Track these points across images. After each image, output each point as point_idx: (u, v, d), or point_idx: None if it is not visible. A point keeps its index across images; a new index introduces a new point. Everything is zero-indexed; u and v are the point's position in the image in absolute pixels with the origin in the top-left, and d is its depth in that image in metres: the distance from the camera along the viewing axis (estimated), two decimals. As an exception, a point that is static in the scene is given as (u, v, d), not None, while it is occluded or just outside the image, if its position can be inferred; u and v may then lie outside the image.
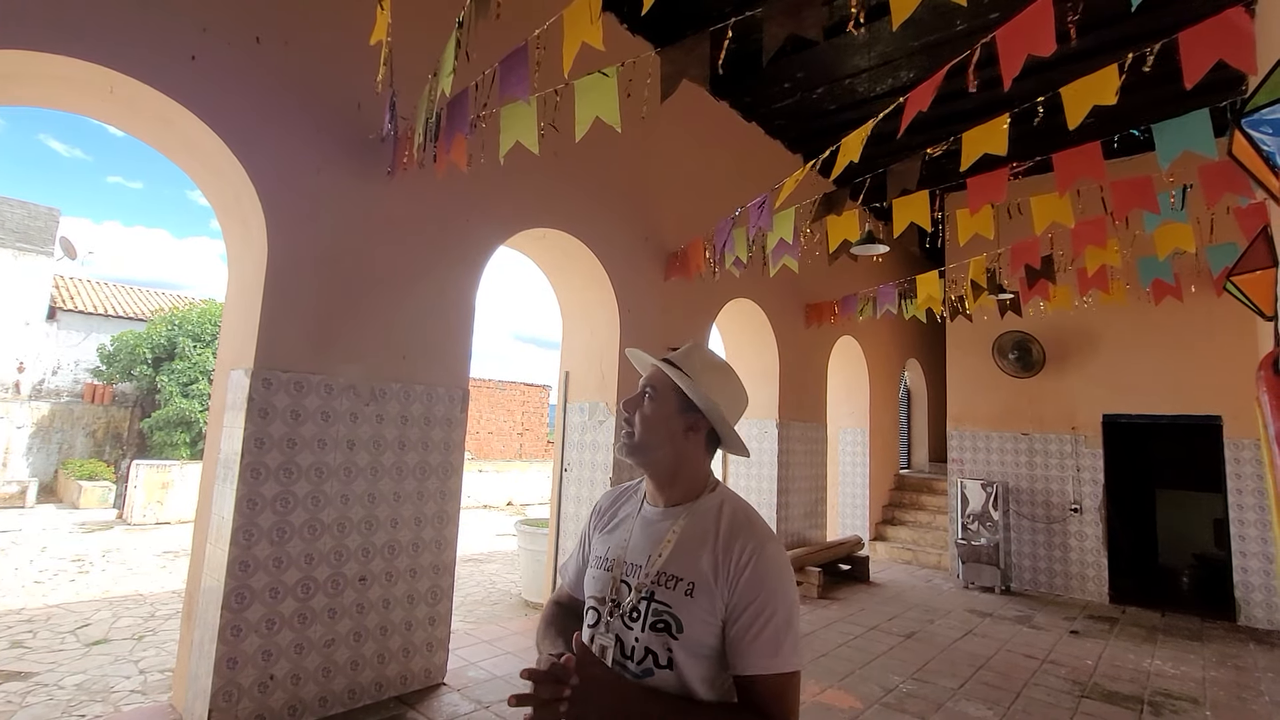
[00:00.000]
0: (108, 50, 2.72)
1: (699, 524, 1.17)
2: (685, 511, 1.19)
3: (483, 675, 3.87)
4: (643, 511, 1.25)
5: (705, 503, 1.20)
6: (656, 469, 1.21)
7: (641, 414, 1.21)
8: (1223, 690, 4.28)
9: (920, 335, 10.47)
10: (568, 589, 1.38)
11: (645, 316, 5.21)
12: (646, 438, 1.20)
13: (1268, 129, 1.82)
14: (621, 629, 1.14)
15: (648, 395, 1.22)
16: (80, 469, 12.19)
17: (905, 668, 4.38)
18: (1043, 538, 7.08)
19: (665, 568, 1.13)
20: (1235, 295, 2.78)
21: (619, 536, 1.24)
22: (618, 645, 1.13)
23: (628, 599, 1.15)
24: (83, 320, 14.39)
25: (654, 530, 1.20)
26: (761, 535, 1.13)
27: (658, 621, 1.10)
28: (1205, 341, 6.35)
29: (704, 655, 1.08)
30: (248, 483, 3.03)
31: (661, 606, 1.10)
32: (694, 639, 1.08)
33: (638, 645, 1.11)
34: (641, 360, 1.31)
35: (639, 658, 1.10)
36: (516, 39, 2.70)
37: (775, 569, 1.10)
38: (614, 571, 1.20)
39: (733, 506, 1.19)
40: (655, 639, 1.10)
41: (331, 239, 3.41)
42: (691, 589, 1.10)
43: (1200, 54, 2.23)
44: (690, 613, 1.08)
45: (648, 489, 1.27)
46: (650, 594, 1.12)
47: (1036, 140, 4.36)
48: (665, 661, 1.09)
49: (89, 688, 3.76)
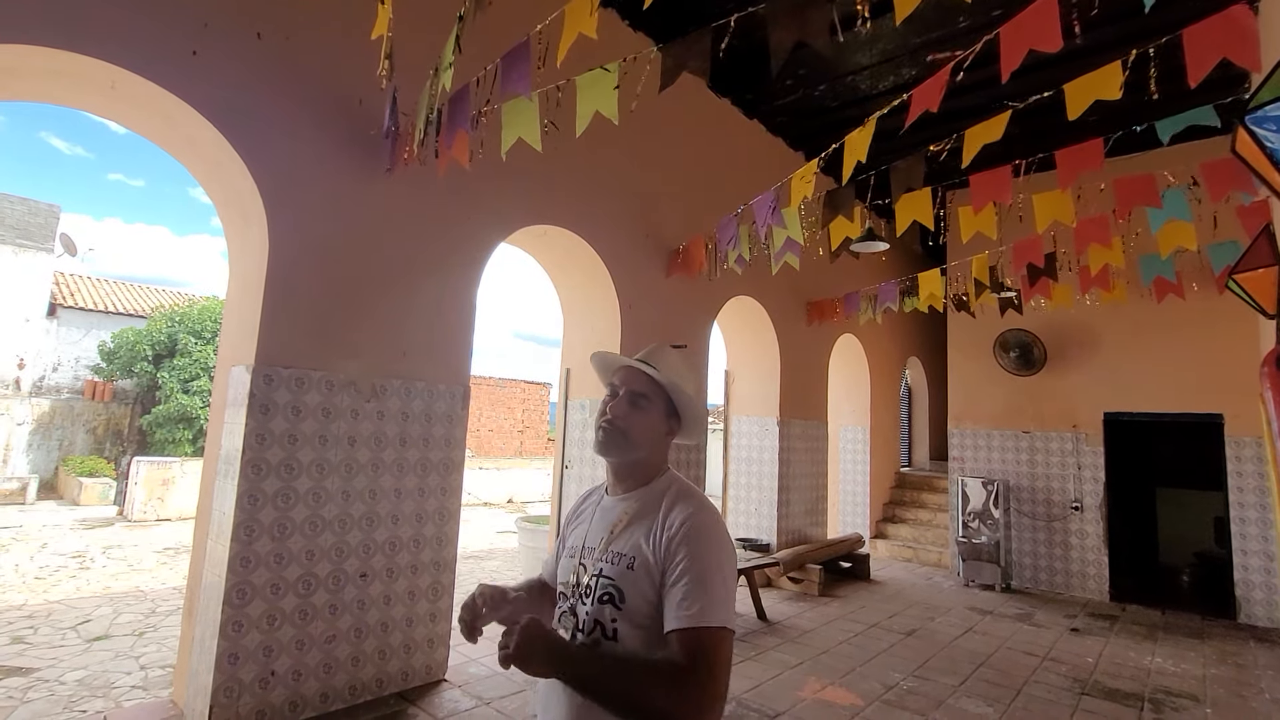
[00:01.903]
0: (109, 45, 2.72)
1: (648, 505, 1.25)
2: (636, 496, 1.28)
3: (484, 672, 3.87)
4: (602, 501, 1.35)
5: (656, 486, 1.28)
6: (628, 465, 1.30)
7: (634, 420, 1.28)
8: (1223, 688, 4.28)
9: (921, 333, 10.46)
10: (545, 578, 1.50)
11: (646, 314, 5.20)
12: (638, 440, 1.28)
13: (1271, 125, 1.81)
14: (579, 605, 1.23)
15: (639, 404, 1.29)
16: (81, 466, 12.20)
17: (906, 665, 4.39)
18: (1043, 536, 7.08)
19: (612, 546, 1.23)
20: (1237, 293, 2.77)
21: (583, 528, 1.34)
22: (574, 620, 1.22)
23: (585, 579, 1.24)
24: (83, 317, 14.39)
25: (609, 515, 1.29)
26: (695, 505, 1.20)
27: (604, 594, 1.18)
28: (1206, 340, 6.34)
29: (644, 626, 1.14)
30: (249, 479, 3.03)
31: (607, 581, 1.19)
32: (634, 609, 1.15)
33: (587, 618, 1.19)
34: (607, 364, 1.38)
35: (588, 629, 1.19)
36: (519, 35, 2.70)
37: (702, 532, 1.16)
38: (575, 558, 1.29)
39: (678, 487, 1.27)
40: (602, 610, 1.18)
41: (332, 235, 3.41)
42: (633, 562, 1.18)
43: (1204, 51, 2.22)
44: (631, 584, 1.16)
45: (608, 481, 1.36)
46: (600, 571, 1.21)
47: (1040, 139, 4.35)
48: (610, 633, 1.16)
49: (90, 683, 3.76)
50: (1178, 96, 4.01)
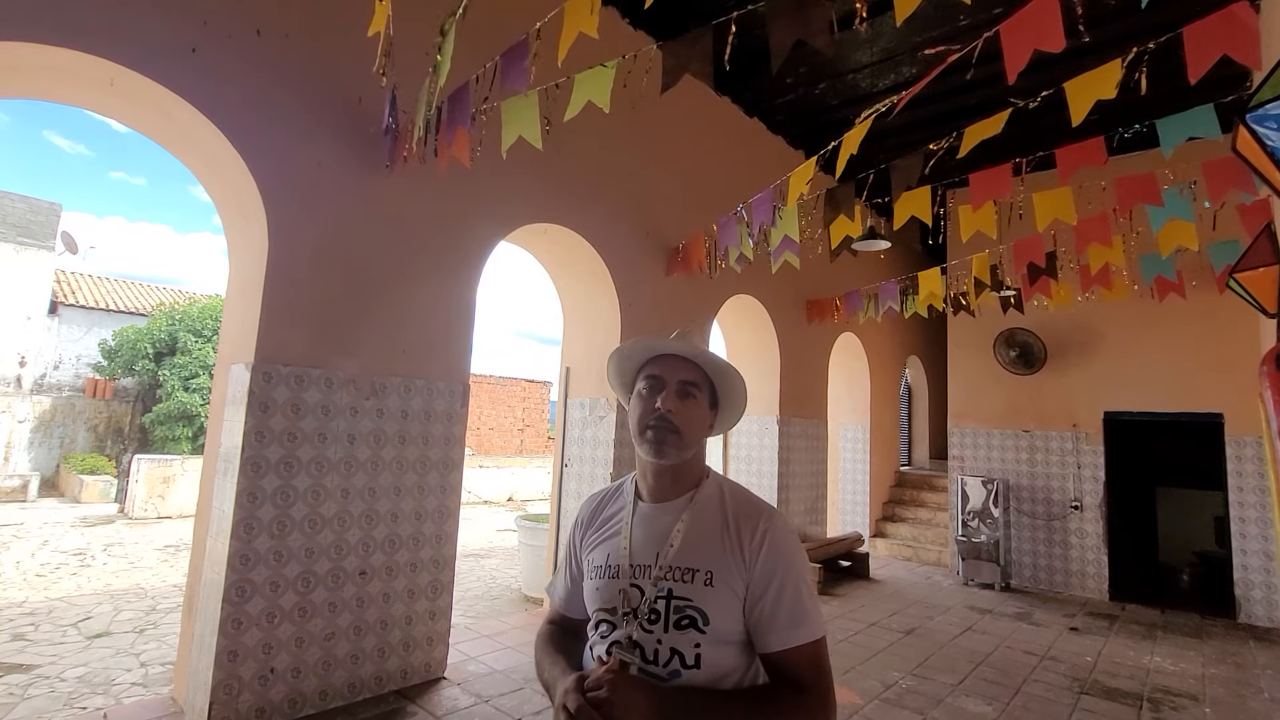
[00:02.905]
0: (108, 42, 2.71)
1: (705, 512, 1.14)
2: (688, 502, 1.15)
3: (483, 670, 3.88)
4: (639, 510, 1.19)
5: (706, 490, 1.17)
6: (679, 466, 1.16)
7: (687, 414, 1.14)
8: (1222, 687, 4.28)
9: (921, 332, 10.45)
10: (559, 608, 1.31)
11: (646, 312, 5.20)
12: (692, 437, 1.15)
13: (1272, 124, 1.81)
14: (641, 634, 1.07)
15: (691, 394, 1.15)
16: (82, 463, 12.21)
17: (905, 664, 4.39)
18: (1043, 535, 7.08)
19: (678, 560, 1.09)
20: (1238, 292, 2.76)
21: (616, 541, 1.17)
22: (638, 652, 1.06)
23: (642, 601, 1.08)
24: (84, 315, 14.40)
25: (657, 526, 1.15)
26: (768, 511, 1.13)
27: (681, 618, 1.05)
28: (1206, 339, 6.33)
29: (730, 644, 1.06)
30: (248, 476, 3.03)
31: (683, 601, 1.06)
32: (721, 629, 1.05)
33: (661, 647, 1.05)
34: (646, 349, 1.20)
35: (664, 660, 1.05)
36: (519, 33, 2.69)
37: (788, 541, 1.10)
38: (620, 578, 1.13)
39: (731, 489, 1.18)
40: (681, 637, 1.05)
41: (332, 233, 3.41)
42: (710, 577, 1.06)
43: (1205, 49, 2.22)
44: (713, 602, 1.05)
45: (644, 486, 1.20)
46: (668, 591, 1.07)
47: (1040, 137, 4.34)
48: (693, 660, 1.04)
49: (90, 680, 3.77)
50: (1179, 95, 4.01)
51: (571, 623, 1.28)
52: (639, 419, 1.16)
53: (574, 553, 1.29)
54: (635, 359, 1.22)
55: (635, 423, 1.17)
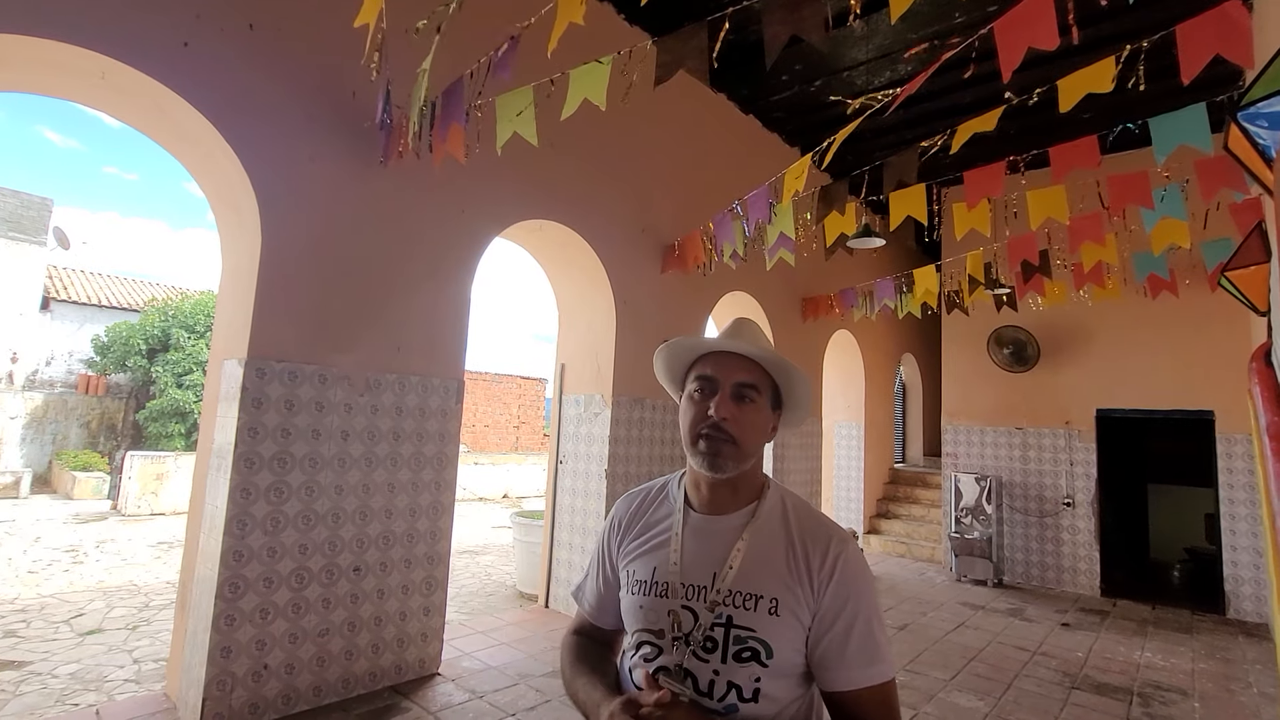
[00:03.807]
0: (99, 35, 2.69)
1: (767, 529, 1.03)
2: (749, 517, 1.04)
3: (477, 665, 3.88)
4: (690, 521, 1.07)
5: (768, 504, 1.06)
6: (738, 476, 1.04)
7: (746, 420, 1.02)
8: (1211, 682, 4.32)
9: (916, 330, 10.48)
10: (589, 617, 1.19)
11: (642, 309, 5.20)
12: (751, 447, 1.03)
13: (1263, 122, 1.82)
14: (694, 663, 0.97)
15: (749, 398, 1.03)
16: (74, 460, 12.15)
17: (898, 659, 4.41)
18: (1035, 531, 7.12)
19: (738, 585, 0.98)
20: (1229, 290, 2.79)
21: (663, 554, 1.05)
22: (691, 682, 0.96)
23: (696, 628, 0.98)
24: (76, 311, 14.31)
25: (714, 542, 1.03)
26: (839, 534, 1.03)
27: (742, 650, 0.95)
28: (1198, 337, 6.37)
29: (790, 678, 0.97)
30: (241, 473, 3.02)
31: (745, 631, 0.96)
32: (784, 662, 0.96)
33: (718, 679, 0.95)
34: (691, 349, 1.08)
35: (720, 694, 0.95)
36: (514, 28, 2.68)
37: (860, 570, 1.00)
38: (669, 598, 1.01)
39: (794, 504, 1.07)
40: (740, 670, 0.95)
41: (325, 228, 3.39)
42: (775, 605, 0.96)
43: (1198, 48, 2.23)
44: (778, 633, 0.96)
45: (697, 495, 1.08)
46: (727, 619, 0.97)
47: (1034, 136, 4.36)
48: (750, 694, 0.95)
49: (83, 677, 3.76)
50: (1172, 94, 4.02)
51: (603, 634, 1.17)
52: (690, 426, 1.03)
53: (608, 556, 1.16)
54: (683, 358, 1.10)
55: (686, 430, 1.04)
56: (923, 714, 3.56)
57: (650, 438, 5.21)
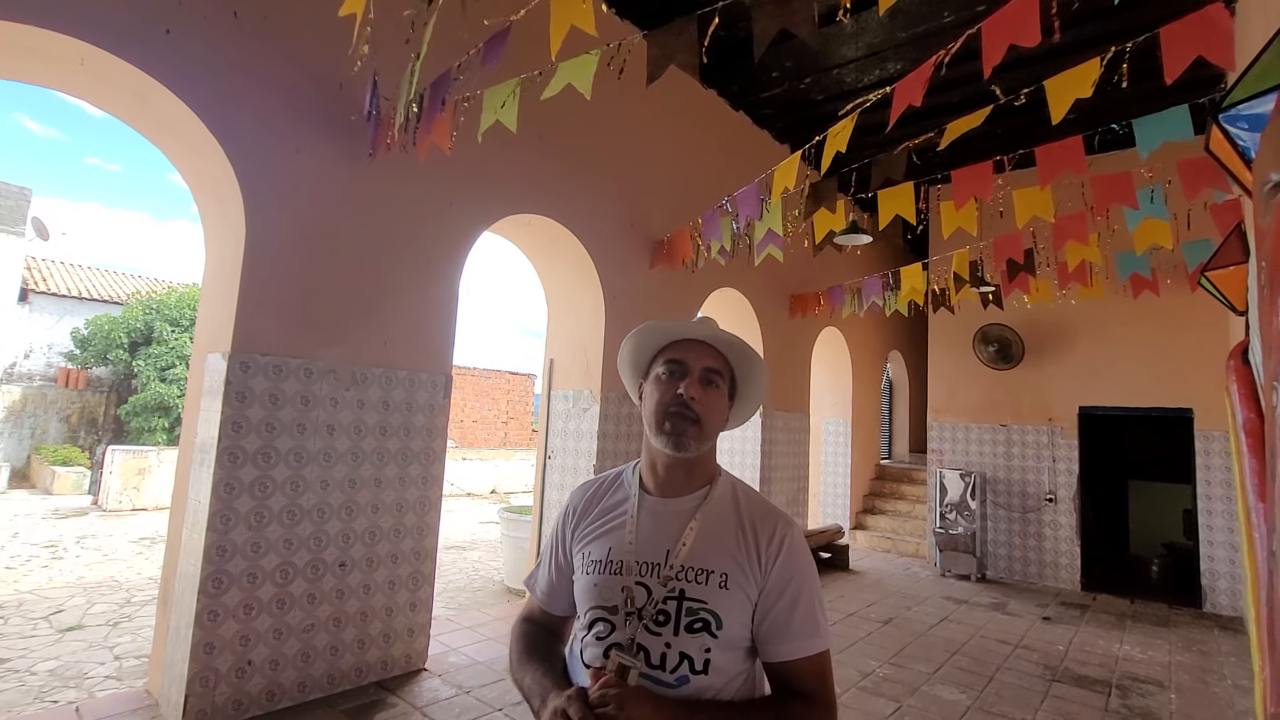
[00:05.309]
0: (78, 20, 2.64)
1: (718, 511, 1.09)
2: (702, 499, 1.10)
3: (464, 661, 3.87)
4: (645, 504, 1.12)
5: (719, 489, 1.12)
6: (694, 460, 1.11)
7: (710, 403, 1.09)
8: (1187, 674, 4.41)
9: (903, 327, 10.56)
10: (540, 603, 1.22)
11: (630, 304, 5.19)
12: (712, 429, 1.10)
13: (1244, 124, 1.84)
14: (646, 637, 1.01)
15: (714, 383, 1.10)
16: (54, 454, 11.96)
17: (883, 653, 4.46)
18: (1018, 527, 7.22)
19: (691, 560, 1.04)
20: (1209, 290, 2.83)
21: (619, 535, 1.10)
22: (643, 656, 1.00)
23: (649, 602, 1.03)
24: (56, 303, 14.06)
25: (668, 522, 1.09)
26: (785, 518, 1.10)
27: (694, 621, 1.01)
28: (1178, 336, 6.48)
29: (737, 650, 1.03)
30: (225, 467, 2.99)
31: (696, 604, 1.01)
32: (731, 635, 1.01)
33: (670, 651, 1.00)
34: (665, 333, 1.14)
35: (672, 665, 1.00)
36: (503, 20, 2.66)
37: (804, 550, 1.08)
38: (624, 575, 1.06)
39: (743, 491, 1.14)
40: (692, 641, 1.00)
41: (311, 221, 3.35)
42: (725, 580, 1.02)
43: (1181, 50, 2.26)
44: (727, 606, 1.01)
45: (651, 479, 1.14)
46: (679, 592, 1.02)
47: (1020, 135, 4.39)
48: (701, 665, 1.00)
49: (62, 674, 3.71)
50: (1156, 95, 4.06)
51: (552, 620, 1.21)
52: (657, 405, 1.08)
53: (562, 544, 1.19)
54: (654, 342, 1.15)
55: (652, 410, 1.09)
56: (907, 707, 3.61)
57: (638, 433, 5.22)
